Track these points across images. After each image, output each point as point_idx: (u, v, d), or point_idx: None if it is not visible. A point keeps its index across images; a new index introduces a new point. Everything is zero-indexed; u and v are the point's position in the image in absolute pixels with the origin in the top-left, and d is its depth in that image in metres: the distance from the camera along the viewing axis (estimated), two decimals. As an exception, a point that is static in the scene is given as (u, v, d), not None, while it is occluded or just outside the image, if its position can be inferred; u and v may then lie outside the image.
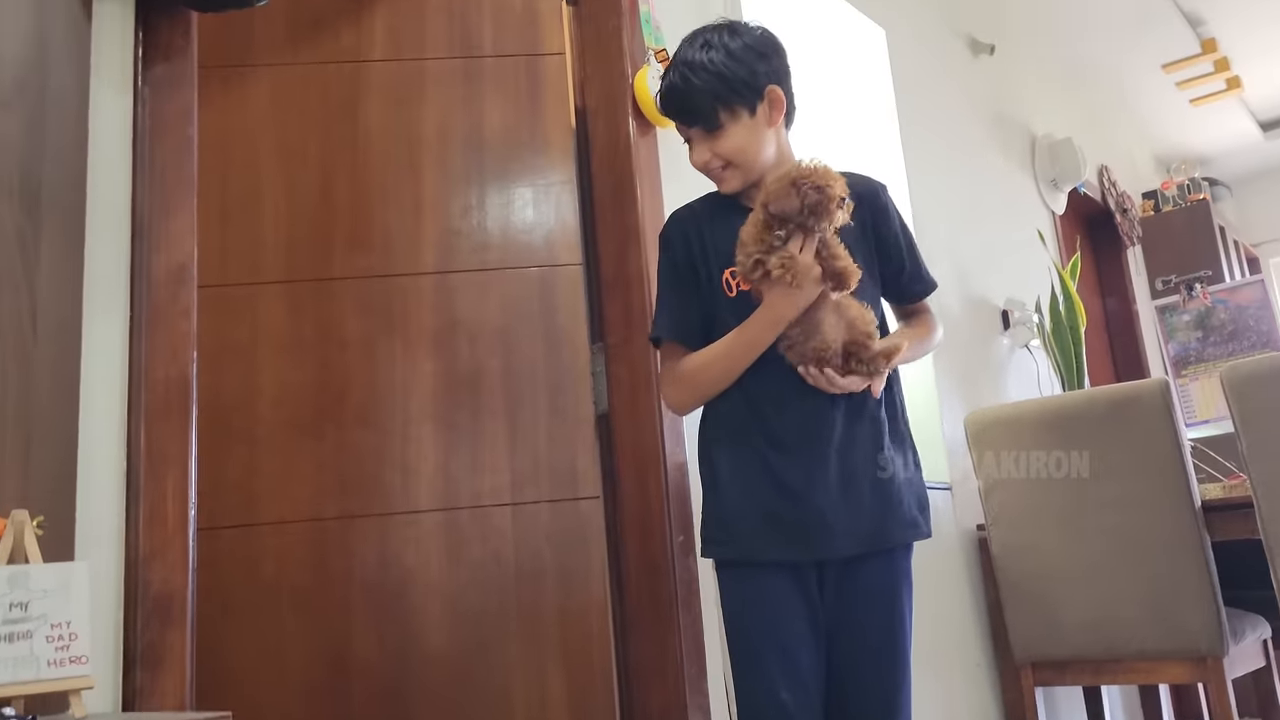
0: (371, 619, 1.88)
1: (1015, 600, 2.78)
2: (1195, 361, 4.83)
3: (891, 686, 1.61)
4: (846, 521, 1.59)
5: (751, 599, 1.60)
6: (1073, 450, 2.71)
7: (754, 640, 1.58)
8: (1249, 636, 2.69)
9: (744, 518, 1.61)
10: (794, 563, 1.59)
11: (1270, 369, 2.43)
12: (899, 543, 1.65)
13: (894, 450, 1.66)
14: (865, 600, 1.61)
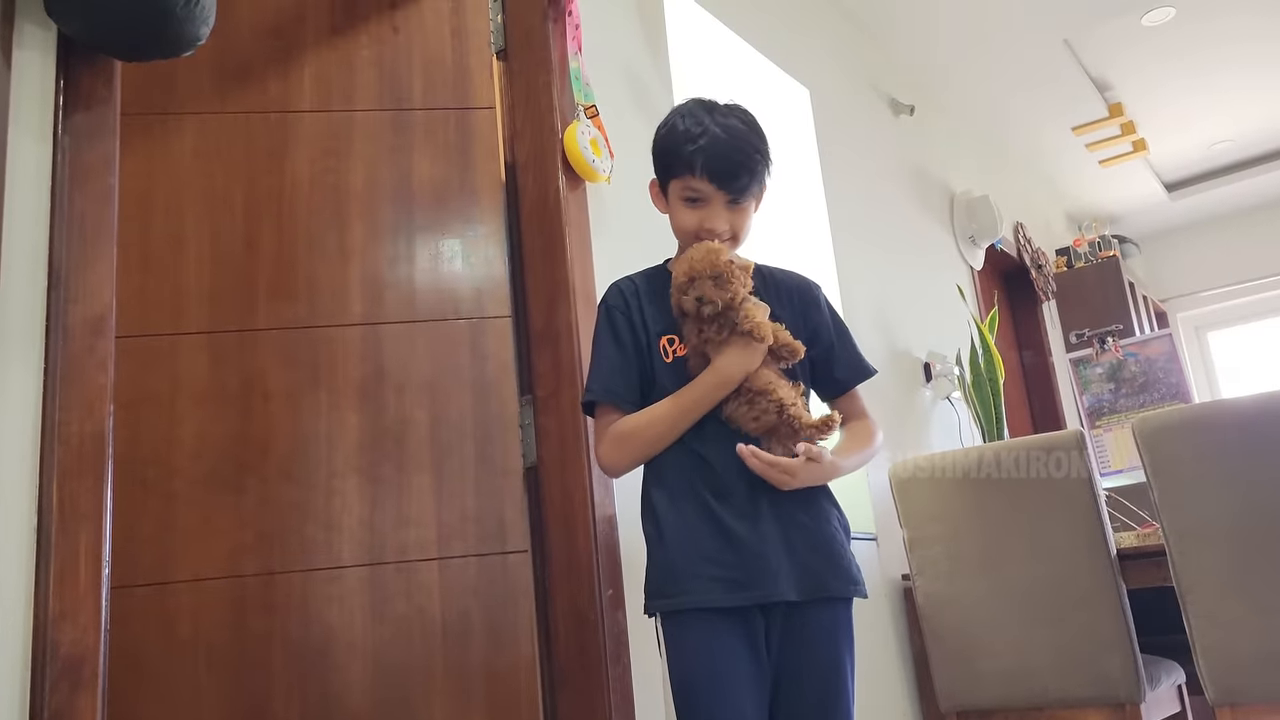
0: (292, 678, 1.83)
1: (939, 650, 2.82)
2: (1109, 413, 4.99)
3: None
4: (788, 566, 1.62)
5: (697, 647, 1.61)
6: (993, 499, 2.77)
7: (699, 688, 1.59)
8: (1164, 682, 2.75)
9: (689, 566, 1.62)
10: (739, 609, 1.60)
11: (1179, 420, 2.52)
12: (839, 594, 1.67)
13: (830, 508, 1.73)
14: (808, 648, 1.63)
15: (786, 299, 1.80)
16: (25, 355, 1.19)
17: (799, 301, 1.81)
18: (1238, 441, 2.44)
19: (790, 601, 1.62)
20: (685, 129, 1.73)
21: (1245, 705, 2.38)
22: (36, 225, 1.23)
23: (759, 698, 1.60)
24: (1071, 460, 2.68)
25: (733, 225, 1.73)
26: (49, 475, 1.17)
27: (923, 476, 2.90)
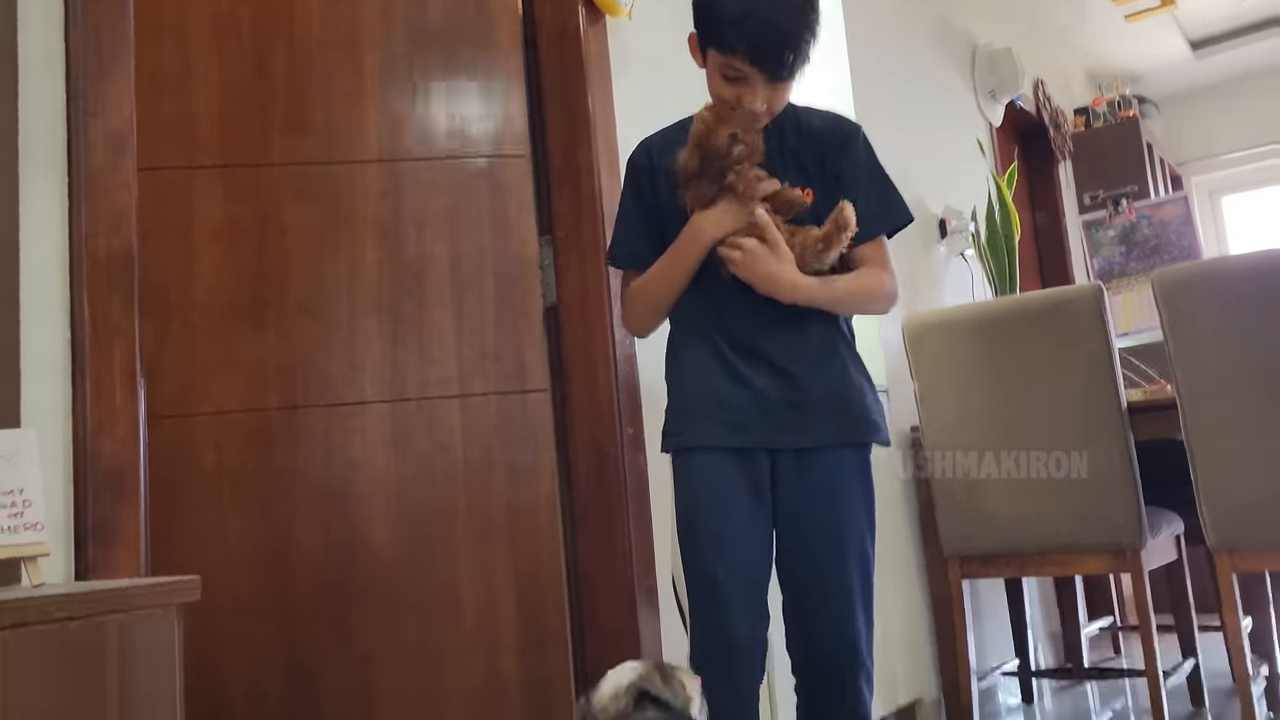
0: (316, 511, 1.86)
1: (946, 498, 2.87)
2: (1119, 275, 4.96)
3: (840, 584, 1.63)
4: (797, 412, 1.62)
5: (698, 483, 1.64)
6: (1006, 353, 2.78)
7: (696, 522, 1.62)
8: (1164, 531, 2.82)
9: (699, 407, 1.65)
10: (745, 451, 1.61)
11: (1198, 274, 2.51)
12: (851, 440, 1.67)
13: (846, 354, 1.71)
14: (815, 495, 1.64)
15: (813, 141, 1.74)
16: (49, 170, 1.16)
17: (827, 143, 1.75)
18: (1255, 295, 2.43)
19: (800, 447, 1.63)
20: (729, 4, 1.61)
21: (1243, 551, 2.44)
22: (50, 33, 1.18)
23: (758, 536, 1.63)
24: (1088, 313, 2.68)
25: (770, 103, 1.66)
26: (79, 291, 1.16)
27: (936, 330, 2.89)
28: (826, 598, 1.61)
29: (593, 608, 2.05)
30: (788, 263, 1.61)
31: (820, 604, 1.61)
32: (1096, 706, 3.16)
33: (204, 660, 1.78)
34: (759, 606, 1.61)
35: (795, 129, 1.73)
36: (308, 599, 1.84)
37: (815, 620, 1.61)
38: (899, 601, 2.86)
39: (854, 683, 1.60)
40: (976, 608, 3.19)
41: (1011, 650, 3.32)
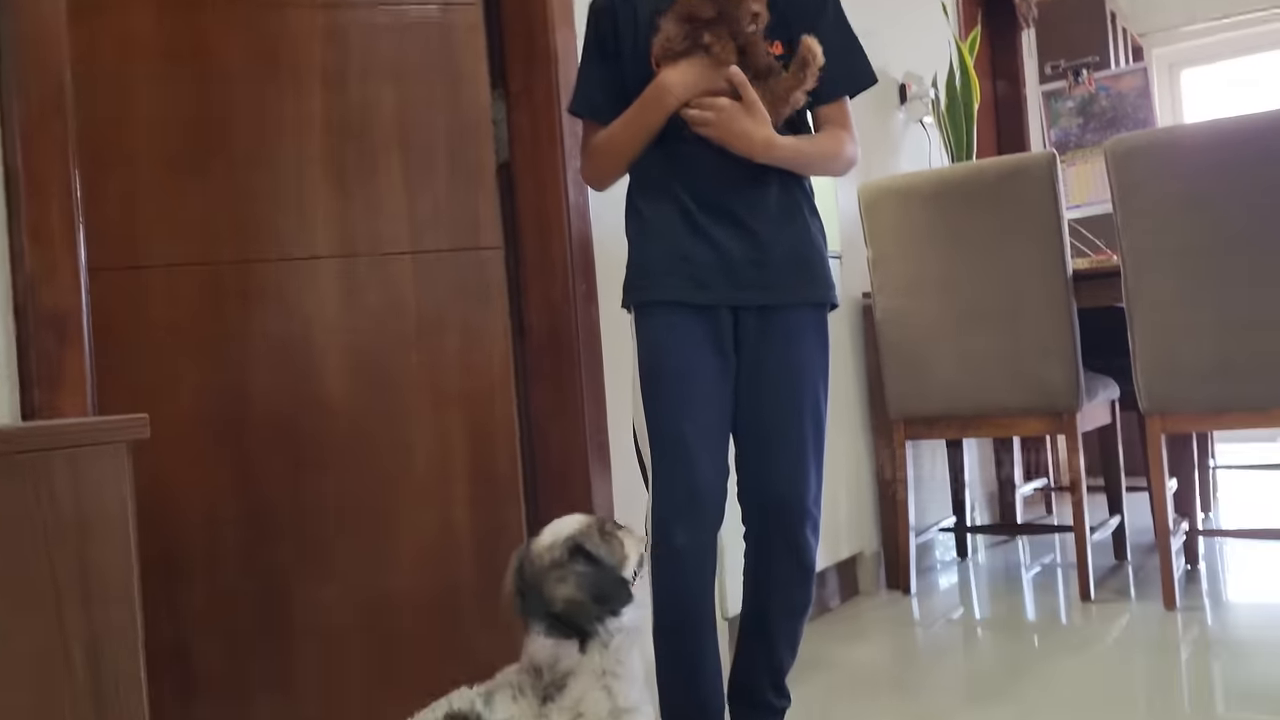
0: (270, 365, 1.86)
1: (894, 363, 2.94)
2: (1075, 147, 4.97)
3: (796, 436, 1.66)
4: (760, 271, 1.64)
5: (660, 338, 1.65)
6: (959, 220, 2.80)
7: (661, 378, 1.64)
8: (1100, 395, 2.92)
9: (662, 263, 1.65)
10: (708, 308, 1.63)
11: (1152, 143, 2.53)
12: (810, 299, 1.69)
13: (809, 216, 1.72)
14: (776, 351, 1.66)
15: (794, 3, 1.69)
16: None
17: (806, 5, 1.70)
18: (1205, 166, 2.46)
19: (762, 305, 1.65)
20: None
21: (1174, 414, 2.53)
22: None
23: (721, 392, 1.65)
24: (1041, 181, 2.70)
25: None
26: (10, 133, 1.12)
27: (891, 196, 2.91)
28: (781, 448, 1.66)
29: (545, 461, 2.09)
30: (763, 122, 1.59)
31: (775, 454, 1.66)
32: (1026, 560, 3.32)
33: (159, 507, 1.81)
34: (720, 459, 1.65)
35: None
36: (263, 450, 1.85)
37: (769, 469, 1.66)
38: (845, 461, 2.95)
39: (801, 529, 1.66)
40: (918, 468, 3.31)
41: (949, 509, 3.46)
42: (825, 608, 2.84)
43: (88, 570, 0.84)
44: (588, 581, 1.21)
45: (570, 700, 1.21)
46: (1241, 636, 2.30)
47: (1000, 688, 2.08)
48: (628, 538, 1.25)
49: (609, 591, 1.20)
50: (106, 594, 0.85)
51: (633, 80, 1.65)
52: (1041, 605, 2.74)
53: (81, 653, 0.83)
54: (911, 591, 2.96)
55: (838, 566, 2.92)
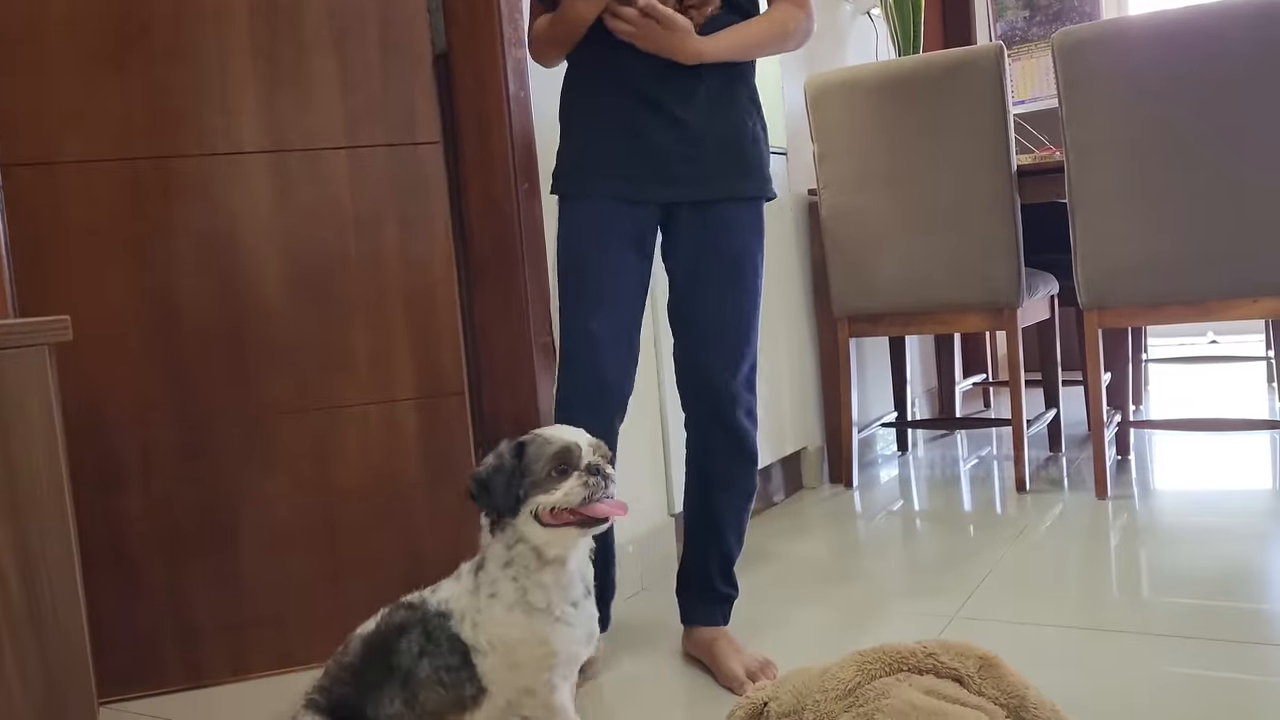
0: (199, 264, 1.80)
1: (838, 260, 2.94)
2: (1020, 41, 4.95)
3: (732, 327, 1.68)
4: (694, 167, 1.62)
5: (581, 234, 1.65)
6: (905, 114, 2.77)
7: (575, 272, 1.65)
8: (1040, 291, 2.95)
9: (591, 155, 1.64)
10: (632, 200, 1.63)
11: (1098, 35, 2.50)
12: (745, 194, 1.68)
13: (746, 107, 1.69)
14: (709, 246, 1.66)
15: None
16: None
17: None
18: (1154, 58, 2.45)
19: (695, 201, 1.64)
20: None
21: (1112, 309, 2.57)
22: None
23: (634, 288, 1.67)
24: (988, 74, 2.67)
25: None
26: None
27: (838, 90, 2.86)
28: (717, 339, 1.67)
29: (489, 361, 2.07)
30: (684, 34, 1.56)
31: (712, 345, 1.67)
32: (965, 453, 3.40)
33: (89, 414, 1.76)
34: (627, 357, 1.67)
35: None
36: (198, 352, 1.81)
37: (706, 359, 1.67)
38: (789, 359, 2.97)
39: (736, 413, 1.69)
40: (861, 366, 3.35)
41: (891, 405, 3.51)
42: (769, 502, 2.89)
43: (14, 477, 0.81)
44: (489, 470, 1.24)
45: (487, 579, 1.26)
46: (1167, 523, 2.38)
47: (938, 577, 2.15)
48: (577, 483, 1.23)
49: (492, 488, 1.23)
50: (36, 501, 0.82)
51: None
52: (978, 497, 2.82)
53: (12, 557, 0.81)
54: (854, 485, 3.02)
55: (782, 462, 2.96)
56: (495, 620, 1.25)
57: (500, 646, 1.24)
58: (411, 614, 1.27)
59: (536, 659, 1.25)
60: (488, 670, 1.25)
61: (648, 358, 2.33)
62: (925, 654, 1.13)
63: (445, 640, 1.24)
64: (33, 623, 0.83)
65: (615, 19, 1.56)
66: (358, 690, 1.23)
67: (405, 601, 1.30)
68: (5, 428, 0.81)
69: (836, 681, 1.12)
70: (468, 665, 1.24)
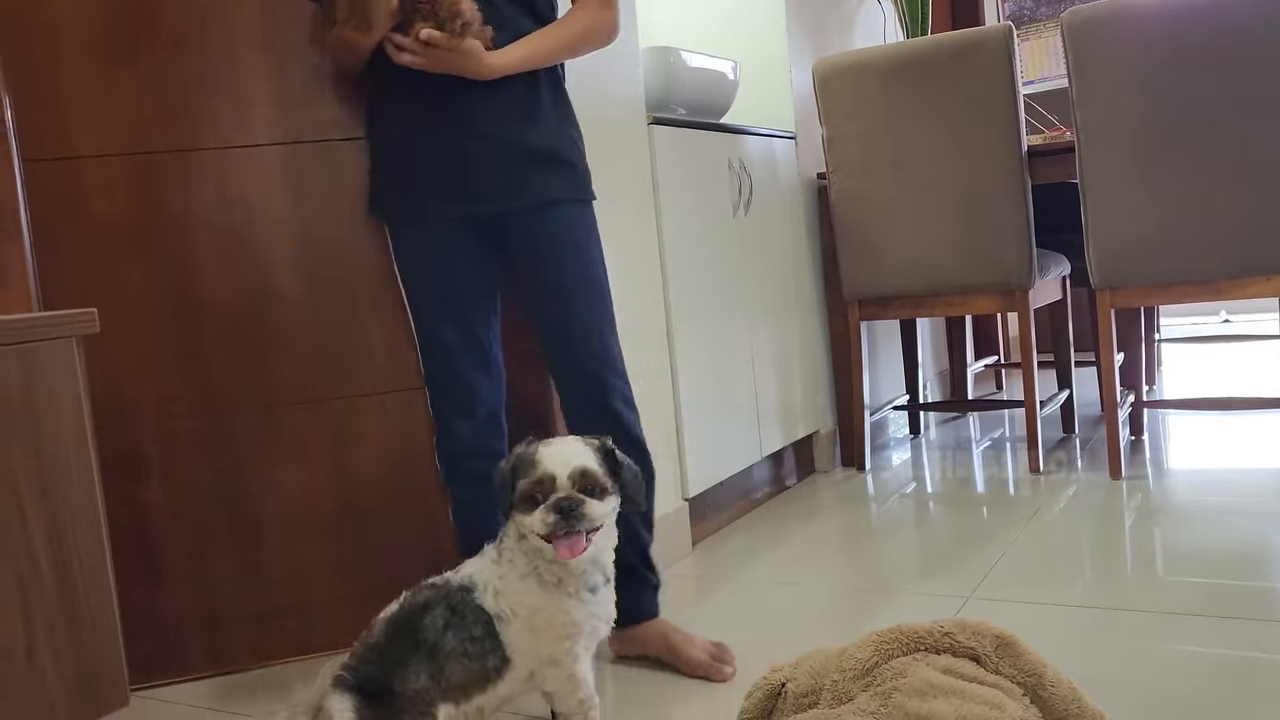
0: (218, 257, 1.82)
1: (848, 244, 2.94)
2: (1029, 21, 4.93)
3: (585, 321, 1.68)
4: (495, 175, 1.63)
5: (409, 260, 1.71)
6: (914, 96, 2.77)
7: (416, 293, 1.71)
8: (1052, 272, 2.95)
9: (400, 176, 1.68)
10: (455, 218, 1.66)
11: (1108, 13, 2.49)
12: (566, 197, 1.67)
13: (557, 112, 1.69)
14: (541, 249, 1.67)
15: None
16: None
17: None
18: (1163, 37, 2.44)
19: (519, 210, 1.64)
20: None
21: (1124, 289, 2.57)
22: None
23: (478, 294, 1.70)
24: (997, 56, 2.67)
25: None
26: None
27: (846, 73, 2.86)
28: (580, 338, 1.68)
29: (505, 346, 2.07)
30: (472, 58, 1.55)
31: (576, 344, 1.68)
32: (977, 435, 3.41)
33: (112, 401, 1.78)
34: (484, 358, 1.72)
35: None
36: (216, 342, 1.82)
37: (569, 354, 1.68)
38: (800, 342, 2.98)
39: (610, 400, 1.69)
40: (872, 349, 3.35)
41: (903, 388, 3.52)
42: (782, 486, 2.90)
43: (45, 465, 0.83)
44: (495, 474, 1.33)
45: (507, 552, 1.33)
46: (1182, 503, 2.39)
47: (953, 558, 2.16)
48: (540, 518, 1.26)
49: (493, 491, 1.32)
50: (67, 488, 0.83)
51: None
52: (992, 479, 2.82)
53: (45, 546, 0.82)
54: (866, 468, 3.03)
55: (794, 446, 2.97)
56: (515, 588, 1.29)
57: (522, 612, 1.29)
58: (435, 592, 1.31)
59: (556, 626, 1.29)
60: (511, 638, 1.29)
61: (659, 341, 2.35)
62: (942, 633, 1.14)
63: (469, 612, 1.28)
64: (66, 611, 0.84)
65: (396, 49, 1.56)
66: (384, 667, 1.25)
67: (429, 582, 1.33)
68: (35, 419, 0.82)
69: (854, 661, 1.13)
70: (491, 635, 1.28)
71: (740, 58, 3.01)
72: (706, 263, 2.52)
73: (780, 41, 3.02)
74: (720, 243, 2.59)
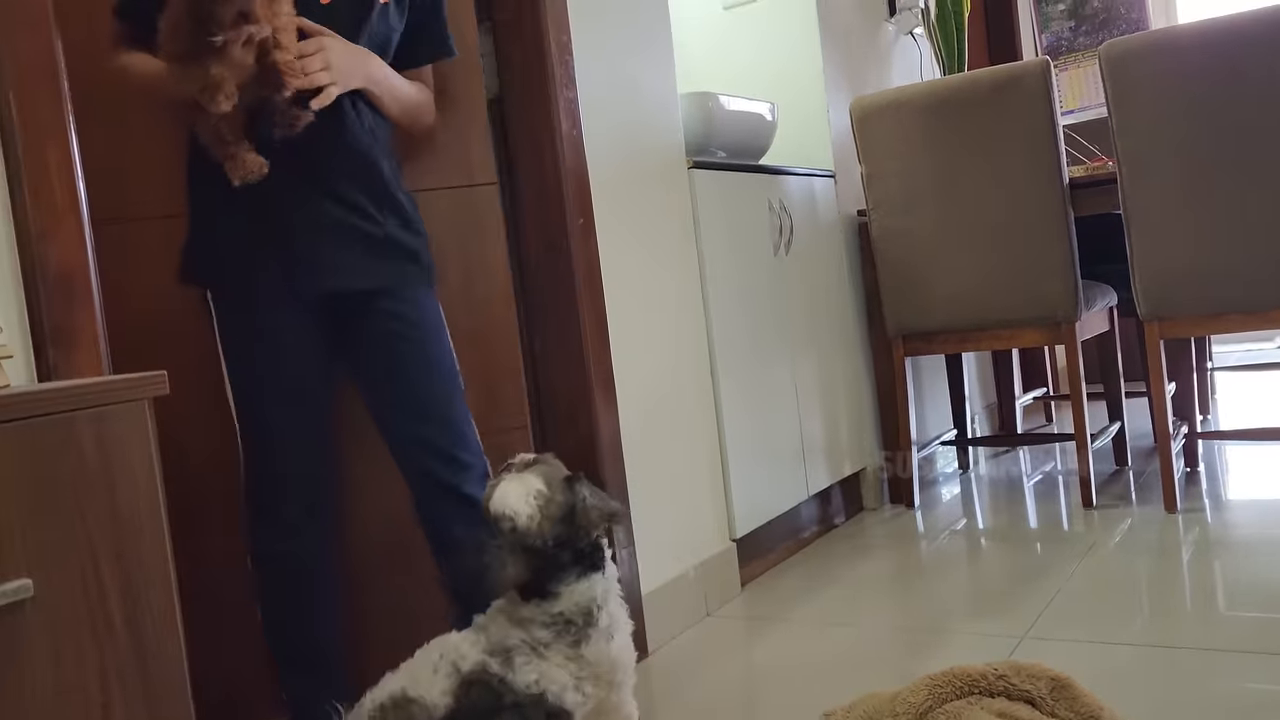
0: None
1: (891, 280, 2.94)
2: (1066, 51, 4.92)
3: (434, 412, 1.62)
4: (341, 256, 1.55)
5: (240, 335, 1.60)
6: (953, 132, 2.78)
7: (241, 371, 1.60)
8: (1099, 304, 2.93)
9: (229, 242, 1.56)
10: (297, 298, 1.56)
11: (1145, 45, 2.50)
12: (389, 283, 1.61)
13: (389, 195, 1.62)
14: (383, 334, 1.60)
15: None
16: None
17: None
18: (1202, 67, 2.43)
19: (358, 290, 1.58)
20: None
21: (1172, 319, 2.55)
22: None
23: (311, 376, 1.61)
24: (1036, 90, 2.67)
25: None
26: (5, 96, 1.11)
27: (884, 111, 2.88)
28: (430, 421, 1.61)
29: (551, 398, 2.10)
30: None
31: (426, 427, 1.61)
32: (1028, 469, 3.37)
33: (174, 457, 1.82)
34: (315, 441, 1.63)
35: None
36: (270, 398, 1.86)
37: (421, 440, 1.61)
38: (845, 380, 2.98)
39: (469, 483, 1.61)
40: (917, 383, 3.34)
41: (950, 422, 3.50)
42: (830, 524, 2.89)
43: (120, 525, 0.86)
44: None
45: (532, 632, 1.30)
46: (1241, 536, 2.34)
47: (1006, 596, 2.13)
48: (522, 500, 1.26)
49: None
50: (140, 549, 0.87)
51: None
52: (1044, 514, 2.79)
53: (119, 606, 0.85)
54: (915, 505, 3.01)
55: (841, 484, 2.96)
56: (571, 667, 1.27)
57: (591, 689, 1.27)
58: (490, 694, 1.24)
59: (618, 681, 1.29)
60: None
61: (703, 382, 2.36)
62: (996, 676, 1.14)
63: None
64: (140, 671, 0.87)
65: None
66: None
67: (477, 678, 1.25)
68: (111, 483, 0.86)
69: (907, 705, 1.13)
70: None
71: (778, 99, 3.04)
72: (749, 303, 2.54)
73: (817, 81, 3.05)
74: (762, 282, 2.61)
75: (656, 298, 2.26)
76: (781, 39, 3.09)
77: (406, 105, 1.67)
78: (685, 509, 2.28)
